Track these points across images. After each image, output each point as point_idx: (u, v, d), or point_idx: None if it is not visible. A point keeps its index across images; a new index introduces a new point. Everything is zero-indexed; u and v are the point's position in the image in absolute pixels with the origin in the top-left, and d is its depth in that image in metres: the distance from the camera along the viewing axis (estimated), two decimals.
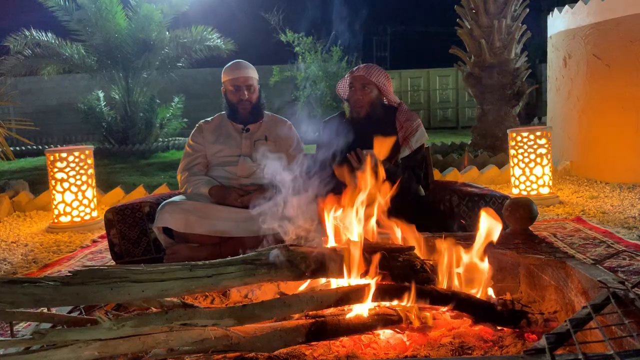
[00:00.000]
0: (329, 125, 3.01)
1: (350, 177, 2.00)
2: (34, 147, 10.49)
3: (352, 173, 2.06)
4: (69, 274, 1.32)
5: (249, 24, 14.35)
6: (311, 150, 3.13)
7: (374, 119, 2.85)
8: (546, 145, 4.63)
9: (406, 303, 1.64)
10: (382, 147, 2.21)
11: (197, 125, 3.04)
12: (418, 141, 2.86)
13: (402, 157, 2.82)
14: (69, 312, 1.57)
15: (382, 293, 1.64)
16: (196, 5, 11.85)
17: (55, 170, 4.35)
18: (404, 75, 15.37)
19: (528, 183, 4.65)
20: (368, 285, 1.64)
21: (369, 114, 2.84)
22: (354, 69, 2.92)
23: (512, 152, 4.76)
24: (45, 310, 1.46)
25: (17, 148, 10.94)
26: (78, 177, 4.38)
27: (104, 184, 5.91)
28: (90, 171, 4.49)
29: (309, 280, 1.78)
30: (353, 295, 1.62)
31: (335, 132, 2.90)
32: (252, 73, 2.91)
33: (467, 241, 1.86)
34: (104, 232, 3.19)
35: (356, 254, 1.67)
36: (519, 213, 2.14)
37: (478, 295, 1.76)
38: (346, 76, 2.96)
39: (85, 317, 1.50)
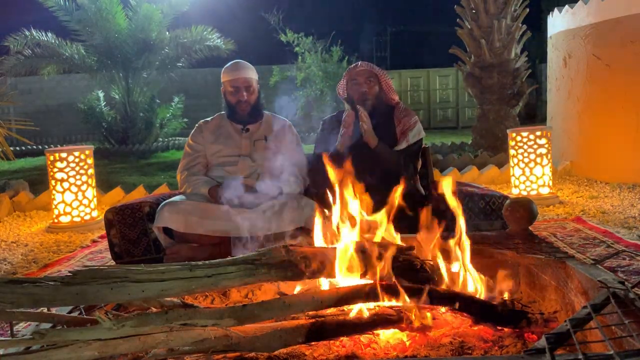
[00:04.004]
0: (328, 123, 3.02)
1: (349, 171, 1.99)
2: (34, 147, 10.48)
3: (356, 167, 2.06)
4: (69, 274, 1.32)
5: (249, 24, 14.35)
6: (310, 151, 3.13)
7: (377, 114, 2.86)
8: (546, 145, 4.63)
9: (406, 303, 1.64)
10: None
11: (196, 125, 3.04)
12: (415, 136, 2.89)
13: (398, 149, 2.84)
14: (69, 312, 1.57)
15: (382, 293, 1.64)
16: (196, 5, 11.84)
17: (55, 170, 4.35)
18: (404, 75, 15.37)
19: (528, 183, 4.65)
20: (368, 285, 1.64)
21: (374, 107, 2.86)
22: (352, 65, 2.95)
23: (512, 152, 4.75)
24: (45, 310, 1.46)
25: (17, 148, 10.93)
26: (78, 177, 4.38)
27: (104, 184, 5.90)
28: (90, 171, 4.48)
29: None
30: (353, 295, 1.62)
31: (335, 129, 2.91)
32: (252, 74, 2.91)
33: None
34: (104, 232, 3.19)
35: (356, 254, 1.67)
36: (519, 213, 2.14)
37: (479, 295, 1.76)
38: (345, 75, 2.97)
39: (85, 317, 1.50)
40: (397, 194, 1.85)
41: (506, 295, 1.80)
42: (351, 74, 2.91)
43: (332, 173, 1.89)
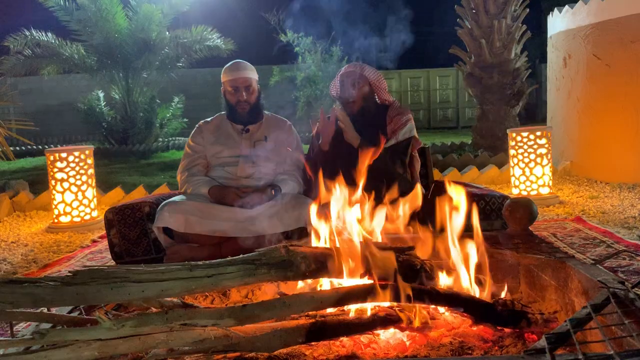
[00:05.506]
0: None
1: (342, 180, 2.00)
2: (34, 147, 10.48)
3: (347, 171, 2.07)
4: (69, 274, 1.32)
5: (249, 24, 14.35)
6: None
7: (366, 115, 2.85)
8: (546, 145, 4.63)
9: (406, 303, 1.64)
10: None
11: (197, 125, 3.04)
12: (405, 134, 2.85)
13: (386, 146, 2.83)
14: (69, 312, 1.57)
15: (382, 293, 1.64)
16: (196, 5, 11.84)
17: (55, 170, 4.35)
18: (404, 75, 15.37)
19: (528, 183, 4.65)
20: (368, 285, 1.64)
21: (361, 109, 2.84)
22: (344, 67, 2.95)
23: (512, 152, 4.75)
24: (45, 310, 1.46)
25: (17, 148, 10.93)
26: (78, 177, 4.38)
27: (104, 184, 5.91)
28: (90, 171, 4.49)
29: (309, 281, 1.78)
30: (353, 295, 1.62)
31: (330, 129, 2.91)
32: (252, 74, 2.91)
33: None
34: (104, 232, 3.19)
35: (356, 254, 1.67)
36: (519, 213, 2.14)
37: (479, 295, 1.76)
38: (337, 75, 2.96)
39: (85, 317, 1.50)
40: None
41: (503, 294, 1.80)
42: (341, 74, 2.91)
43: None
